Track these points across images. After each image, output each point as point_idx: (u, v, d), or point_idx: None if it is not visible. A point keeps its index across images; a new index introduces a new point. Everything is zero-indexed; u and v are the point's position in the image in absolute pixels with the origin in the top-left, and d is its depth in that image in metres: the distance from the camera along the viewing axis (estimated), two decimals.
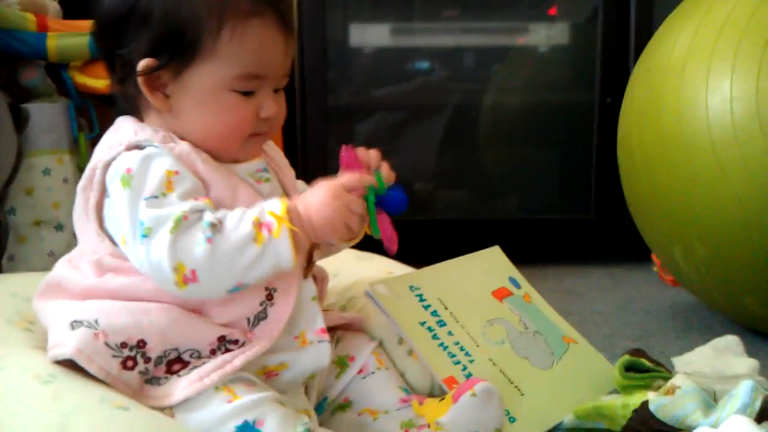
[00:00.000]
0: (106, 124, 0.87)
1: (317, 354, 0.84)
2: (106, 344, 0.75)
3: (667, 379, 0.93)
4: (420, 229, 1.95)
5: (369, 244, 1.23)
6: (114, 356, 0.75)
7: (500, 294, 1.10)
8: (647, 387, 0.94)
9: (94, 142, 1.04)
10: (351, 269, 1.10)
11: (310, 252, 0.86)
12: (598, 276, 1.86)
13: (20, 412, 0.67)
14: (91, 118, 1.59)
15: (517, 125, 2.05)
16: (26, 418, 0.66)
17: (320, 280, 0.91)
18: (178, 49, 0.80)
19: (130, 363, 0.75)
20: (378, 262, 1.15)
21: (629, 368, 0.96)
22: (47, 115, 1.56)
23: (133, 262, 0.77)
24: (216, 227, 0.74)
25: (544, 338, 1.07)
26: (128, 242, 0.76)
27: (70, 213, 0.84)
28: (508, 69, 2.04)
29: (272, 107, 0.84)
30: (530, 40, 2.02)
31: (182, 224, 0.74)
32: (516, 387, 0.97)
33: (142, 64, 0.80)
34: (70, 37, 1.53)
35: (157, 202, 0.75)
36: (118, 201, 0.77)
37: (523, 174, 2.05)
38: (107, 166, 0.79)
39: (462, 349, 0.97)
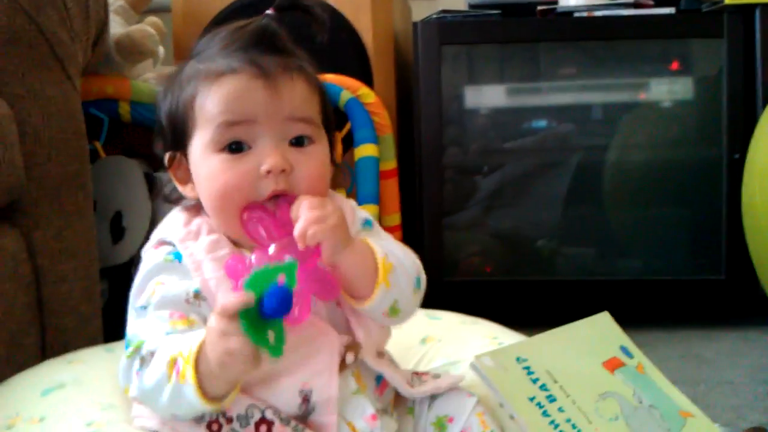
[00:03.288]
0: None
1: None
2: None
3: None
4: (541, 290, 1.93)
5: (472, 309, 1.20)
6: (198, 422, 0.76)
7: (612, 364, 1.06)
8: None
9: None
10: (455, 334, 1.09)
11: (347, 353, 0.81)
12: (730, 340, 1.76)
13: None
14: None
15: (642, 182, 1.99)
16: None
17: (385, 383, 0.87)
18: (177, 134, 0.80)
19: (215, 427, 0.76)
20: (483, 326, 1.13)
21: None
22: None
23: None
24: (145, 361, 0.73)
25: (660, 413, 1.02)
26: None
27: None
28: (631, 125, 2.00)
29: (274, 158, 0.75)
30: (652, 96, 1.97)
31: (136, 353, 0.74)
32: None
33: (166, 159, 0.83)
34: None
35: (137, 313, 0.78)
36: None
37: (650, 232, 1.98)
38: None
39: (574, 426, 0.94)
